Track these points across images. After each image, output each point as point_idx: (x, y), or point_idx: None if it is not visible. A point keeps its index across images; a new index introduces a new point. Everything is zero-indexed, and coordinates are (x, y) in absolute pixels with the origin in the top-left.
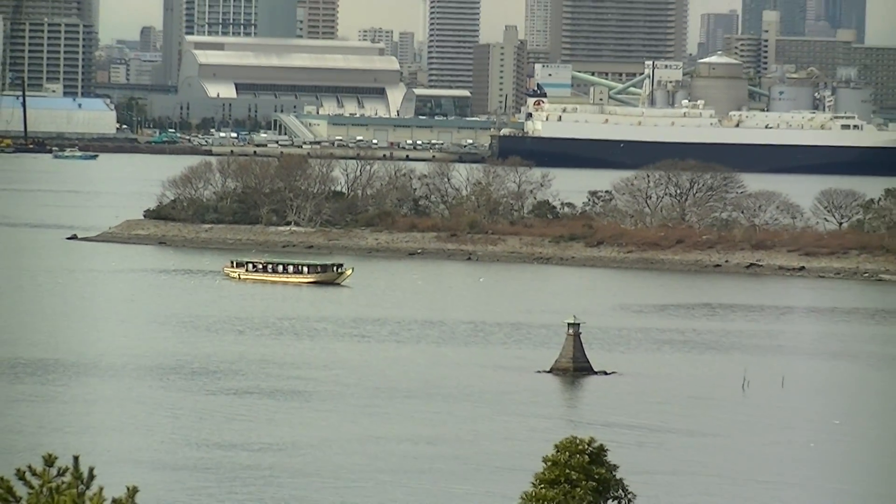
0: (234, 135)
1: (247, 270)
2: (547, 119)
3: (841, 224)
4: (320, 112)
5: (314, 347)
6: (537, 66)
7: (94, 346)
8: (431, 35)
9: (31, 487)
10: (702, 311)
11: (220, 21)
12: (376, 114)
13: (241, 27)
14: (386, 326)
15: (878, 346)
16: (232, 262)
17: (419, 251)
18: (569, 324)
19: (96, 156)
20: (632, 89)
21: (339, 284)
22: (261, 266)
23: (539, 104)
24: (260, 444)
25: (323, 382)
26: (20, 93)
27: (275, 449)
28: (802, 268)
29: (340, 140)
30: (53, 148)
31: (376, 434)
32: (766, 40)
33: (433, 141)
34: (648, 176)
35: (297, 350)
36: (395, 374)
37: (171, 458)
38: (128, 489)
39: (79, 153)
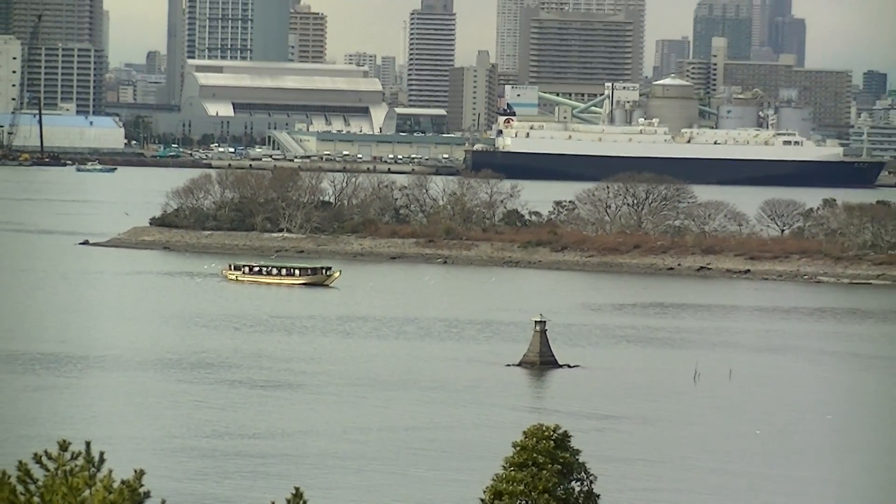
0: (232, 150)
1: (243, 273)
2: (516, 135)
3: (783, 231)
4: (310, 129)
5: (303, 343)
6: (507, 88)
7: (102, 341)
8: (411, 59)
9: (48, 470)
10: (656, 309)
11: (219, 46)
12: (361, 131)
13: (238, 52)
14: (369, 323)
15: (815, 341)
16: (230, 266)
17: (400, 255)
18: (536, 321)
19: (115, 169)
20: (593, 108)
21: (327, 286)
22: (256, 269)
23: (509, 122)
24: (252, 430)
25: (310, 374)
26: (37, 111)
27: (266, 435)
28: (748, 271)
29: (328, 155)
30: (67, 162)
31: (358, 422)
32: (715, 64)
33: (412, 155)
34: (608, 187)
35: (288, 345)
36: (377, 367)
37: (172, 444)
38: (135, 472)
39: (99, 167)
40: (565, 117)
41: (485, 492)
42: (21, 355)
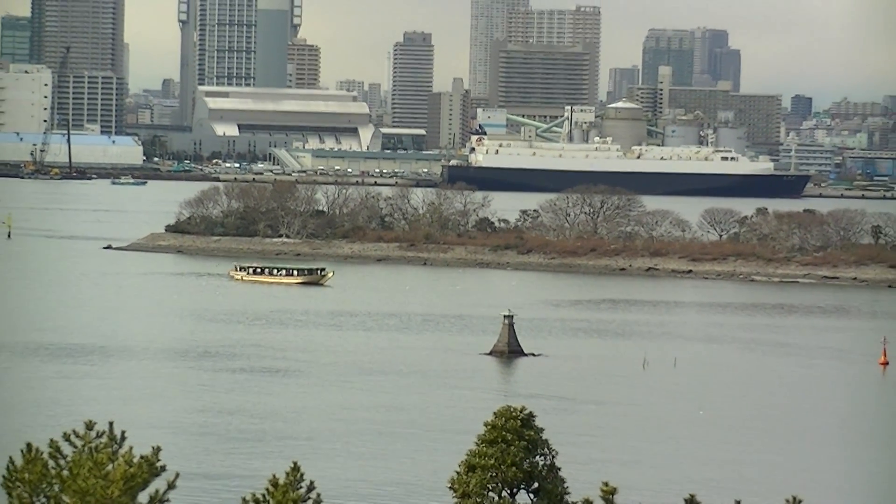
0: (237, 165)
1: (248, 273)
2: (486, 152)
3: (721, 236)
4: (306, 147)
5: (298, 334)
6: (479, 110)
7: (121, 333)
8: (394, 85)
9: (75, 447)
10: (610, 305)
11: (226, 74)
12: (350, 148)
13: (243, 79)
14: (356, 318)
15: (747, 332)
16: (236, 267)
17: (385, 258)
18: (504, 315)
19: (145, 182)
20: (554, 129)
21: (321, 285)
22: (259, 270)
23: (480, 140)
24: (253, 411)
25: (304, 362)
26: (65, 131)
27: (265, 415)
28: (690, 271)
29: (322, 169)
30: (93, 176)
31: (346, 403)
32: (661, 90)
33: (396, 170)
34: (567, 198)
35: (285, 336)
36: (363, 356)
37: (184, 423)
38: (153, 448)
39: (132, 180)
40: (530, 136)
41: (459, 465)
42: (50, 346)
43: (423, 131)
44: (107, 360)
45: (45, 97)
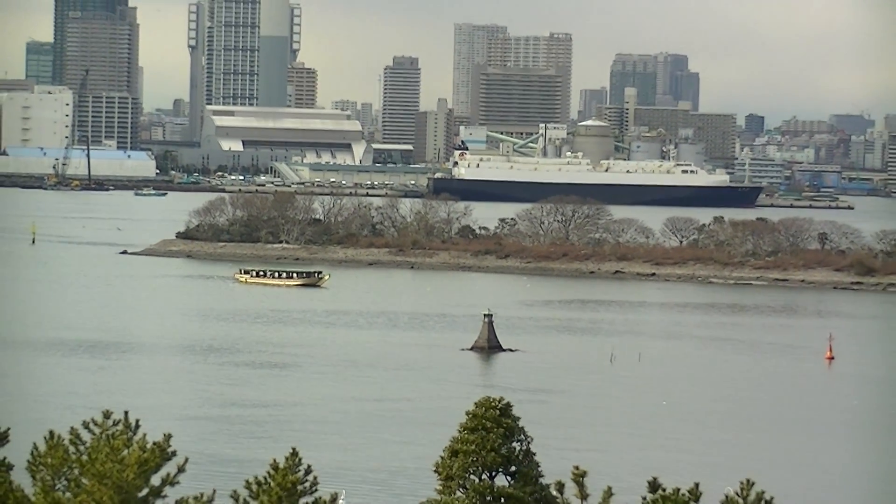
0: (241, 178)
1: (251, 276)
2: (468, 166)
3: (681, 242)
4: (304, 161)
5: (297, 331)
6: (461, 128)
7: (135, 330)
8: (385, 105)
9: (94, 434)
10: (580, 305)
11: (231, 95)
12: (345, 162)
13: (247, 99)
14: (349, 316)
15: (705, 330)
16: (240, 270)
17: (376, 262)
18: (484, 314)
19: (165, 193)
20: (530, 144)
21: (319, 286)
22: (261, 273)
23: (463, 155)
24: (255, 401)
25: (302, 357)
26: (85, 147)
27: (266, 405)
28: (654, 274)
29: (319, 181)
30: (110, 187)
31: (340, 394)
32: (627, 109)
33: (386, 182)
34: (542, 207)
35: (284, 333)
36: (355, 351)
37: (192, 412)
38: (164, 435)
39: (154, 192)
40: (508, 151)
41: (443, 450)
42: (69, 341)
43: (410, 147)
44: (122, 354)
45: (67, 115)
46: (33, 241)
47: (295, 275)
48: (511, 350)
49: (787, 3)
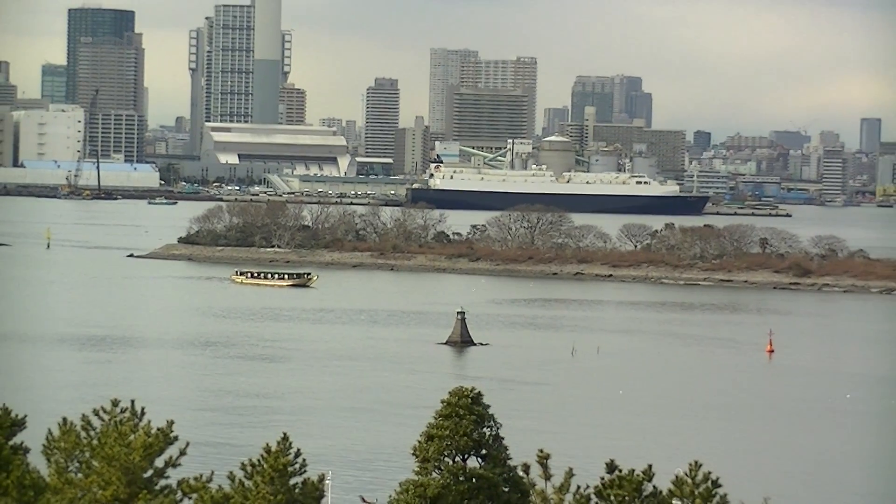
0: (237, 188)
1: (246, 277)
2: (443, 177)
3: (636, 246)
4: (294, 173)
5: (287, 327)
6: (437, 143)
7: (140, 326)
8: (367, 122)
9: (103, 421)
10: (544, 303)
11: (228, 113)
12: (331, 174)
13: (242, 117)
14: (335, 313)
15: (658, 326)
16: (237, 272)
17: (359, 264)
18: (457, 311)
19: (176, 202)
20: (499, 158)
21: (308, 287)
22: (255, 274)
23: (438, 167)
24: (249, 391)
25: (292, 350)
26: (95, 160)
27: (259, 394)
28: (611, 275)
29: (307, 191)
30: (118, 196)
31: (326, 384)
32: (587, 126)
33: (368, 192)
34: (510, 215)
35: (276, 329)
36: (340, 345)
37: (191, 401)
38: (167, 422)
39: (165, 201)
40: (479, 164)
41: (420, 435)
42: (81, 336)
43: (390, 160)
44: (128, 348)
45: (79, 131)
46: (48, 246)
47: (286, 276)
48: (482, 344)
49: (731, 30)
